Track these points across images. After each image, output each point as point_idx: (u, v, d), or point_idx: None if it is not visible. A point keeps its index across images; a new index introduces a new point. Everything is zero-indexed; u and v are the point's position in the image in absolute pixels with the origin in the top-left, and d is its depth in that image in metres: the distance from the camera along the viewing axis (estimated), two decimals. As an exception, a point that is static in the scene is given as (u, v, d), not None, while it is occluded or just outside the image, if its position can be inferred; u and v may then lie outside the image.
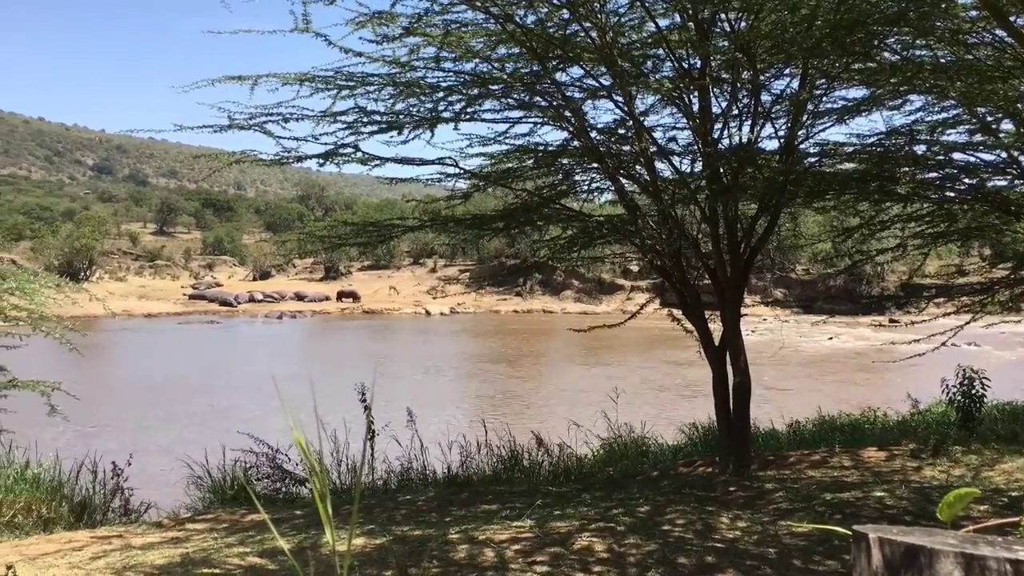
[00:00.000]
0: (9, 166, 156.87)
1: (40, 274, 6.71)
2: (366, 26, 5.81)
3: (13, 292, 6.16)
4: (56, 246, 47.23)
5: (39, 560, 4.74)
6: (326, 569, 3.97)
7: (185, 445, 9.86)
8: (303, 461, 5.60)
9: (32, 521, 6.10)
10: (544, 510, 5.30)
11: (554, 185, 7.54)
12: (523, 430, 8.53)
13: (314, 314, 42.21)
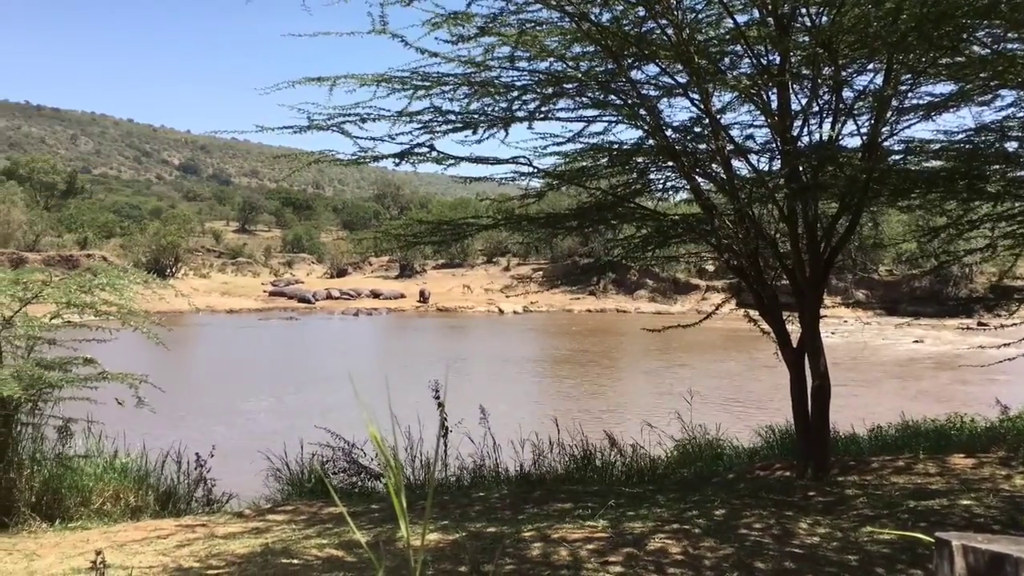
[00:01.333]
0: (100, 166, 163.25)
1: (129, 270, 6.94)
2: (442, 27, 5.86)
3: (104, 288, 6.39)
4: (144, 243, 48.89)
5: (127, 547, 4.92)
6: (401, 563, 4.02)
7: (264, 438, 10.10)
8: (378, 456, 5.73)
9: (120, 509, 6.33)
10: (618, 510, 5.27)
11: (628, 184, 7.48)
12: (595, 430, 8.49)
13: (389, 311, 42.78)
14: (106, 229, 56.29)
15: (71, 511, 6.15)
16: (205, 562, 4.45)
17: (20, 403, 5.94)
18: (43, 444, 6.36)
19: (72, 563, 4.56)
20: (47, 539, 5.38)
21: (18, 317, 6.21)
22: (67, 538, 5.39)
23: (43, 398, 6.24)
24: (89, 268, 6.75)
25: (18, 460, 6.10)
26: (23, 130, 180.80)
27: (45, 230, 50.55)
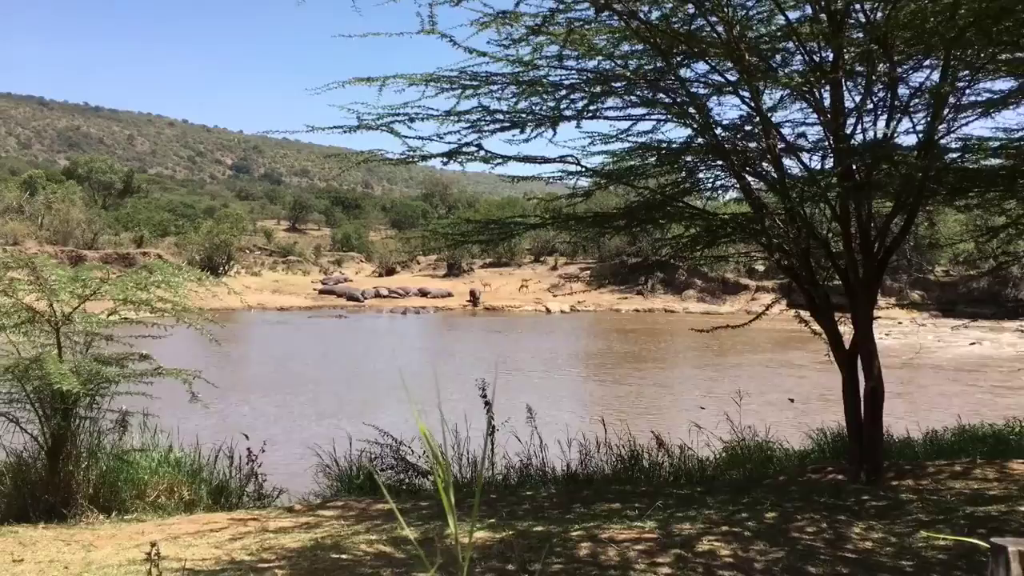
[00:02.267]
0: (156, 166, 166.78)
1: (183, 268, 7.07)
2: (490, 26, 5.87)
3: (159, 285, 6.53)
4: (197, 242, 49.77)
5: (181, 539, 5.02)
6: (449, 560, 4.05)
7: (314, 434, 10.23)
8: (426, 453, 5.76)
9: (174, 502, 6.47)
10: (666, 511, 5.24)
11: (677, 183, 7.43)
12: (643, 430, 8.44)
13: (437, 310, 43.01)
14: (161, 228, 57.43)
15: (127, 503, 6.29)
16: (258, 555, 4.53)
17: (79, 397, 6.09)
18: (100, 438, 6.51)
19: (128, 554, 4.66)
20: (104, 530, 5.51)
21: (77, 313, 6.37)
22: (123, 530, 5.52)
23: (100, 393, 6.39)
24: (145, 266, 6.89)
25: (76, 453, 6.26)
26: (82, 130, 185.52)
27: (103, 228, 51.73)
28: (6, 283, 6.22)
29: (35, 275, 6.20)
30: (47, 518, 5.87)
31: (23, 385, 6.05)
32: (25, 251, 28.61)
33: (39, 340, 6.33)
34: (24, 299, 6.24)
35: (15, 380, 5.97)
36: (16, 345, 6.22)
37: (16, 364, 5.85)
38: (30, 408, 6.19)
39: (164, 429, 7.10)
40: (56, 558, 4.73)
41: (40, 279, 6.17)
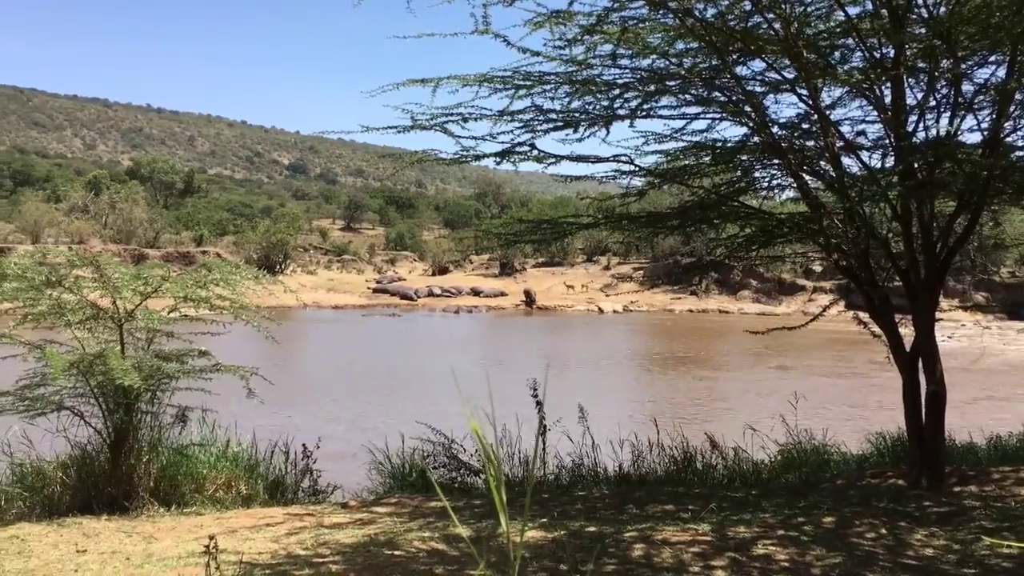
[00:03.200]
0: (216, 166, 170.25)
1: (241, 266, 7.20)
2: (544, 26, 5.86)
3: (218, 283, 6.65)
4: (255, 240, 50.69)
5: (238, 533, 5.12)
6: (502, 558, 4.06)
7: (367, 431, 10.34)
8: (478, 452, 5.78)
9: (232, 496, 6.59)
10: (721, 514, 5.18)
11: (732, 182, 7.34)
12: (696, 432, 8.36)
13: (489, 309, 43.14)
14: (220, 227, 58.62)
15: (186, 497, 6.43)
16: (313, 550, 4.59)
17: (140, 392, 6.23)
18: (161, 432, 6.66)
19: (187, 547, 4.76)
20: (164, 523, 5.64)
21: (139, 311, 6.52)
22: (182, 523, 5.64)
23: (161, 388, 6.54)
24: (204, 264, 7.02)
25: (138, 447, 6.41)
26: (145, 131, 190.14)
27: (164, 227, 53.01)
28: (72, 280, 6.39)
29: (99, 273, 6.36)
30: (109, 510, 6.02)
31: (87, 380, 6.21)
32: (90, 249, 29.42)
33: (103, 336, 6.49)
34: (89, 296, 6.41)
35: (80, 375, 6.12)
36: (81, 341, 6.39)
37: (81, 359, 6.01)
38: (94, 402, 6.36)
39: (222, 424, 7.23)
40: (118, 549, 4.85)
41: (104, 277, 6.33)
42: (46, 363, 5.97)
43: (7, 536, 5.13)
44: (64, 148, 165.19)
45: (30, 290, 6.16)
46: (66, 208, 54.63)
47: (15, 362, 6.26)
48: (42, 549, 4.88)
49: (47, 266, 6.55)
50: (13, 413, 6.23)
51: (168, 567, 4.35)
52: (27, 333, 6.34)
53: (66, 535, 5.21)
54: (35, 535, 5.19)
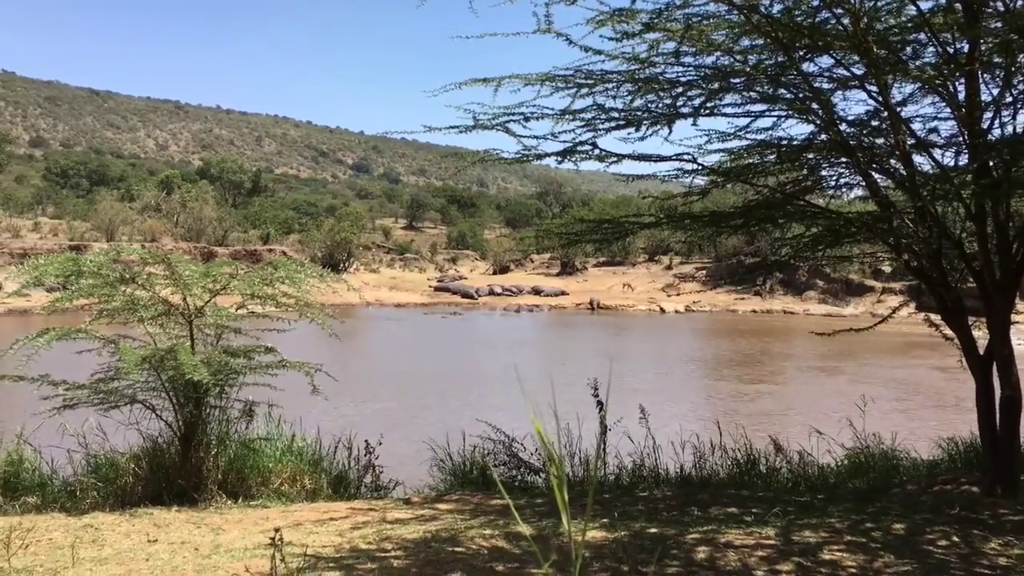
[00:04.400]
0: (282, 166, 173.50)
1: (306, 264, 7.32)
2: (606, 24, 5.83)
3: (283, 281, 6.78)
4: (319, 239, 51.46)
5: (303, 527, 5.21)
6: (563, 558, 4.06)
7: (428, 428, 10.42)
8: (538, 451, 5.78)
9: (296, 490, 6.71)
10: (786, 518, 5.10)
11: (798, 181, 7.21)
12: (759, 434, 8.25)
13: (550, 308, 43.12)
14: (286, 225, 59.65)
15: (252, 490, 6.56)
16: (377, 545, 4.65)
17: (209, 387, 6.38)
18: (228, 426, 6.81)
19: (253, 539, 4.87)
20: (231, 515, 5.77)
21: (208, 307, 6.69)
22: (249, 515, 5.77)
23: (229, 383, 6.69)
24: (270, 262, 7.16)
25: (206, 440, 6.57)
26: (214, 132, 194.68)
27: (232, 226, 54.12)
28: (145, 277, 6.58)
29: (171, 270, 6.53)
30: (179, 501, 6.18)
31: (159, 374, 6.38)
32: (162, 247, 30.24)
33: (173, 332, 6.67)
34: (160, 293, 6.59)
35: (152, 369, 6.30)
36: (153, 336, 6.57)
37: (153, 354, 6.18)
38: (165, 396, 6.54)
39: (287, 420, 7.36)
40: (187, 539, 4.98)
41: (175, 274, 6.50)
42: (120, 357, 6.16)
43: (82, 525, 5.31)
44: (138, 148, 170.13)
45: (105, 287, 6.35)
46: (139, 207, 56.22)
47: (91, 356, 6.47)
48: (115, 538, 5.04)
49: (121, 263, 6.75)
50: (88, 406, 6.44)
51: (235, 558, 4.45)
52: (102, 328, 6.54)
53: (138, 525, 5.36)
54: (108, 524, 5.37)
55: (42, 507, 6.07)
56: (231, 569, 4.19)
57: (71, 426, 6.58)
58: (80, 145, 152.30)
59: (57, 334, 5.96)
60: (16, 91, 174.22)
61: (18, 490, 6.26)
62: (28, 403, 6.44)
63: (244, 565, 4.21)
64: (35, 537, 4.92)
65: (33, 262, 6.24)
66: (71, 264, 6.29)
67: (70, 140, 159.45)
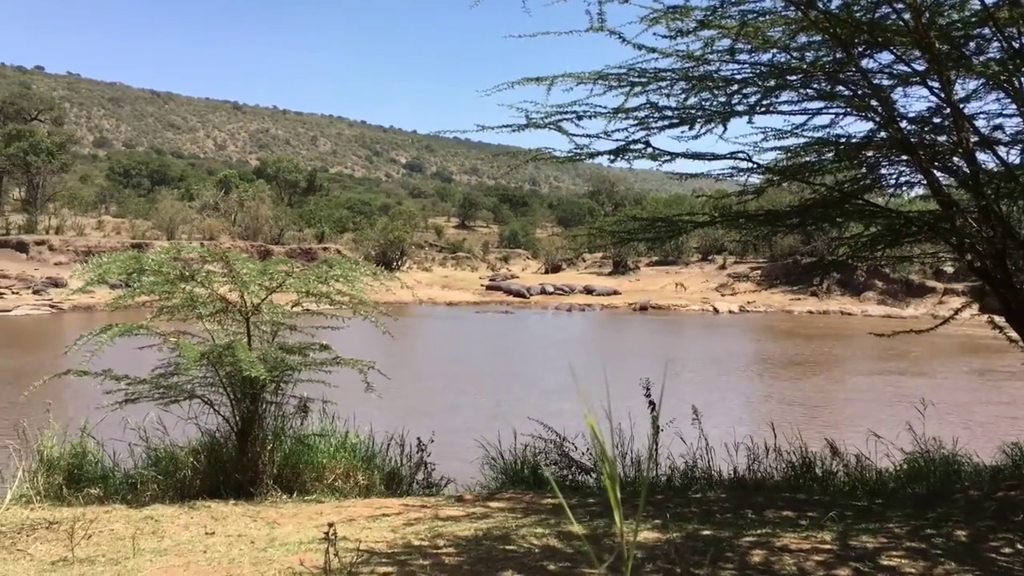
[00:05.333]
0: (336, 165, 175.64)
1: (360, 263, 7.40)
2: (660, 22, 5.79)
3: (338, 279, 6.86)
4: (373, 238, 51.99)
5: (356, 522, 5.27)
6: (615, 559, 4.04)
7: (479, 426, 10.46)
8: (589, 450, 5.77)
9: (350, 486, 6.79)
10: (843, 523, 5.02)
11: (856, 179, 7.07)
12: (815, 437, 8.11)
13: (602, 308, 42.97)
14: (340, 224, 60.30)
15: (307, 485, 6.66)
16: (430, 541, 4.69)
17: (265, 383, 6.50)
18: (284, 422, 6.92)
19: (308, 533, 4.94)
20: (286, 509, 5.86)
21: (264, 304, 6.80)
22: (303, 510, 5.85)
23: (284, 379, 6.80)
24: (325, 260, 7.25)
25: (263, 436, 6.69)
26: (271, 132, 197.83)
27: (288, 225, 54.92)
28: (203, 275, 6.72)
29: (228, 268, 6.65)
30: (236, 495, 6.30)
31: (217, 370, 6.51)
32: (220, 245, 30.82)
33: (231, 329, 6.79)
34: (219, 290, 6.73)
35: (210, 365, 6.43)
36: (211, 333, 6.71)
37: (211, 350, 6.31)
38: (222, 392, 6.66)
39: (341, 416, 7.45)
40: (243, 533, 5.08)
41: (233, 272, 6.62)
42: (179, 353, 6.30)
43: (142, 516, 5.45)
44: (197, 148, 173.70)
45: (166, 284, 6.50)
46: (198, 206, 57.33)
47: (151, 352, 6.63)
48: (174, 530, 5.15)
49: (181, 261, 6.90)
50: (149, 400, 6.60)
51: (290, 552, 4.52)
52: (162, 325, 6.70)
53: (196, 517, 5.48)
54: (168, 516, 5.49)
55: (104, 499, 6.23)
56: (286, 562, 4.26)
57: (133, 420, 6.74)
58: (142, 145, 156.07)
59: (120, 330, 6.12)
60: (81, 92, 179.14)
61: (82, 482, 6.43)
62: (92, 397, 6.62)
63: (299, 559, 4.28)
64: (97, 528, 5.06)
65: (97, 260, 6.41)
66: (133, 262, 6.45)
67: (132, 140, 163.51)
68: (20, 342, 25.31)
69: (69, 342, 6.12)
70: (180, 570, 4.21)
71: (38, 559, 4.48)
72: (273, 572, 4.10)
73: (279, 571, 4.11)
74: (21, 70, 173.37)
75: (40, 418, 6.81)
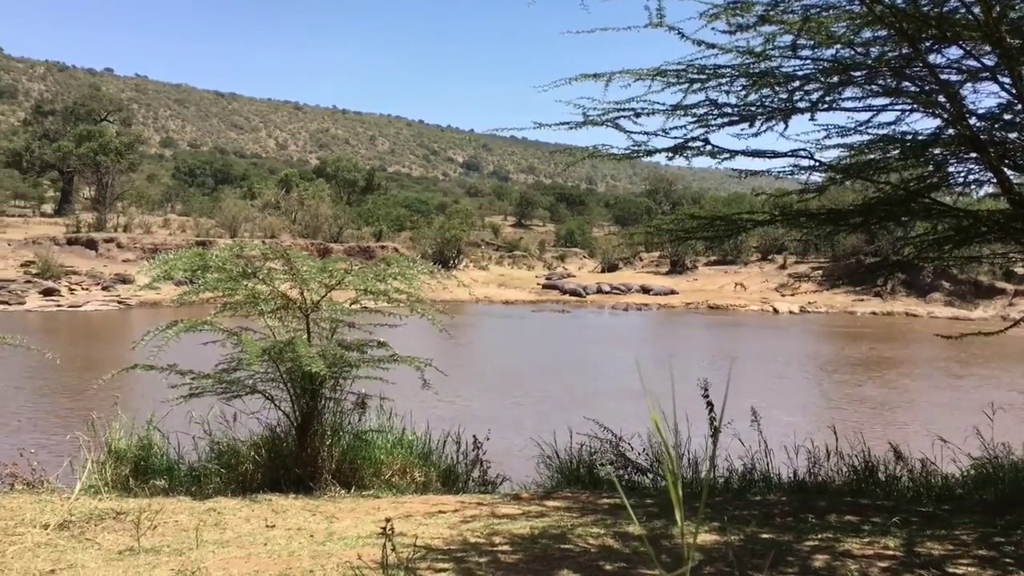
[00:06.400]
0: (394, 164, 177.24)
1: (417, 261, 7.46)
2: (720, 17, 5.72)
3: (396, 277, 6.92)
4: (430, 236, 52.35)
5: (413, 518, 5.32)
6: (673, 560, 4.02)
7: (535, 424, 10.47)
8: (645, 450, 5.71)
9: (407, 482, 6.85)
10: (908, 529, 4.90)
11: (923, 177, 6.90)
12: (877, 440, 7.94)
13: (659, 307, 42.64)
14: (398, 223, 60.81)
15: (365, 480, 6.73)
16: (487, 539, 4.70)
17: (325, 379, 6.59)
18: (342, 418, 7.01)
19: (366, 528, 5.00)
20: (344, 504, 5.94)
21: (324, 301, 6.90)
22: (361, 505, 5.92)
23: (343, 376, 6.88)
24: (383, 259, 7.32)
25: (321, 431, 6.78)
26: (330, 132, 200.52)
27: (347, 223, 55.59)
28: (265, 272, 6.84)
29: (289, 266, 6.76)
30: (296, 489, 6.40)
31: (277, 366, 6.62)
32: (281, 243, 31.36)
33: (291, 325, 6.90)
34: (279, 287, 6.84)
35: (271, 361, 6.54)
36: (272, 329, 6.83)
37: (272, 346, 6.41)
38: (283, 387, 6.77)
39: (398, 413, 7.51)
40: (303, 526, 5.16)
41: (294, 269, 6.72)
42: (242, 349, 6.42)
43: (205, 509, 5.57)
44: (259, 148, 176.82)
45: (229, 281, 6.63)
46: (260, 204, 58.40)
47: (215, 347, 6.77)
48: (236, 522, 5.26)
49: (243, 259, 7.03)
50: (212, 394, 6.75)
51: (348, 546, 4.57)
52: (225, 321, 6.84)
53: (257, 510, 5.58)
54: (230, 509, 5.60)
55: (169, 490, 6.39)
56: (344, 556, 4.32)
57: (196, 414, 6.90)
58: (206, 145, 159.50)
59: (185, 326, 6.26)
60: (148, 94, 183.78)
61: (148, 473, 6.60)
62: (157, 391, 6.79)
63: (357, 553, 4.33)
64: (163, 519, 5.18)
65: (163, 257, 6.57)
66: (198, 259, 6.59)
67: (197, 140, 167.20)
68: (90, 336, 26.11)
69: (136, 337, 6.28)
70: (242, 562, 4.30)
71: (106, 548, 4.61)
72: (332, 566, 4.16)
73: (337, 565, 4.17)
74: (91, 72, 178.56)
75: (109, 410, 7.01)
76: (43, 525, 4.91)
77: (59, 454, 7.42)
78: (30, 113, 66.57)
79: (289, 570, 4.11)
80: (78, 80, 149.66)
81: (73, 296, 34.12)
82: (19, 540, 4.62)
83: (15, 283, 33.82)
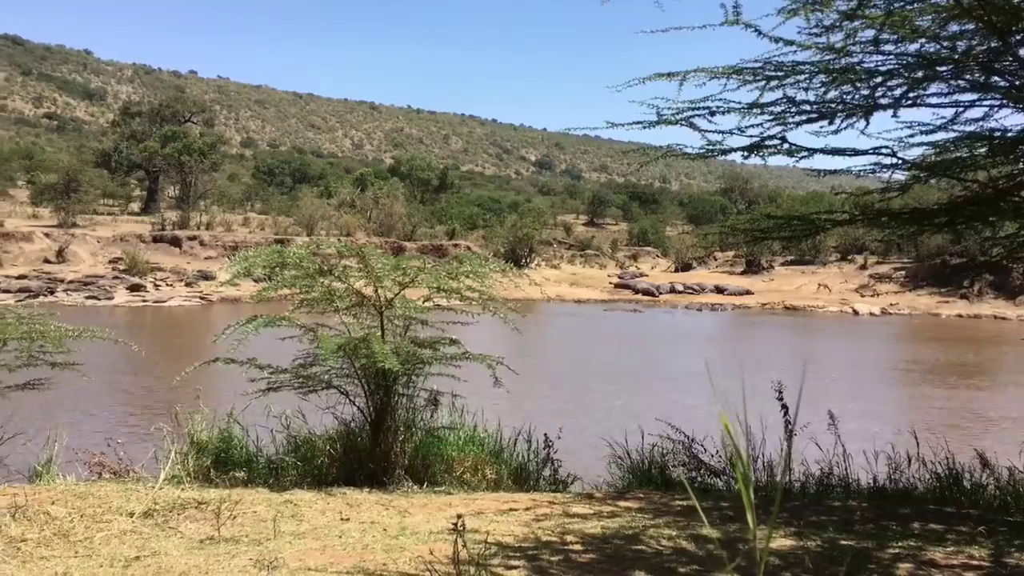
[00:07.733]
0: (468, 163, 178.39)
1: (489, 260, 7.49)
2: (798, 13, 5.61)
3: (468, 275, 6.97)
4: (502, 235, 52.51)
5: (484, 515, 5.35)
6: (749, 563, 3.96)
7: (605, 424, 10.42)
8: (719, 452, 5.65)
9: (478, 479, 6.89)
10: (995, 538, 4.73)
11: (1013, 175, 6.64)
12: (962, 447, 7.68)
13: (734, 308, 41.99)
14: (470, 221, 61.16)
15: (436, 477, 6.80)
16: (559, 537, 4.71)
17: (398, 376, 6.67)
18: (415, 414, 7.10)
19: (437, 523, 5.06)
20: (416, 499, 6.01)
21: (397, 299, 6.99)
22: (433, 500, 5.99)
23: (416, 372, 6.97)
24: (456, 257, 7.37)
25: (395, 427, 6.88)
26: (405, 131, 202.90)
27: (420, 221, 56.17)
28: (340, 270, 6.97)
29: (364, 263, 6.87)
30: (369, 483, 6.50)
31: (352, 362, 6.73)
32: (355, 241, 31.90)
33: (366, 322, 7.01)
34: (354, 285, 6.96)
35: (346, 357, 6.66)
36: (347, 326, 6.95)
37: (347, 342, 6.53)
38: (357, 383, 6.89)
39: (469, 410, 7.57)
40: (376, 520, 5.24)
41: (368, 267, 6.83)
42: (318, 345, 6.56)
43: (282, 500, 5.70)
44: (335, 148, 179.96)
45: (305, 278, 6.78)
46: (336, 203, 59.39)
47: (292, 343, 6.93)
48: (312, 515, 5.37)
49: (320, 256, 7.18)
50: (290, 389, 6.91)
51: (420, 541, 4.63)
52: (302, 317, 6.99)
53: (332, 503, 5.69)
54: (306, 501, 5.73)
55: (248, 482, 6.56)
56: (416, 551, 4.37)
57: (275, 408, 7.07)
58: (285, 145, 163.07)
59: (263, 321, 6.42)
60: (230, 95, 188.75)
61: (228, 465, 6.79)
62: (237, 385, 6.98)
63: (428, 548, 4.38)
64: (242, 509, 5.33)
65: (243, 254, 6.76)
66: (276, 257, 6.76)
67: (276, 140, 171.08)
68: (173, 331, 26.98)
69: (217, 331, 6.47)
70: (317, 553, 4.39)
71: (188, 536, 4.76)
72: (404, 560, 4.22)
73: (410, 559, 4.22)
74: (176, 74, 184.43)
75: (191, 403, 7.24)
76: (129, 513, 5.10)
77: (144, 445, 7.69)
78: (118, 115, 69.06)
79: (363, 563, 4.19)
80: (163, 82, 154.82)
81: (158, 292, 35.32)
82: (106, 527, 4.81)
83: (104, 279, 35.17)
